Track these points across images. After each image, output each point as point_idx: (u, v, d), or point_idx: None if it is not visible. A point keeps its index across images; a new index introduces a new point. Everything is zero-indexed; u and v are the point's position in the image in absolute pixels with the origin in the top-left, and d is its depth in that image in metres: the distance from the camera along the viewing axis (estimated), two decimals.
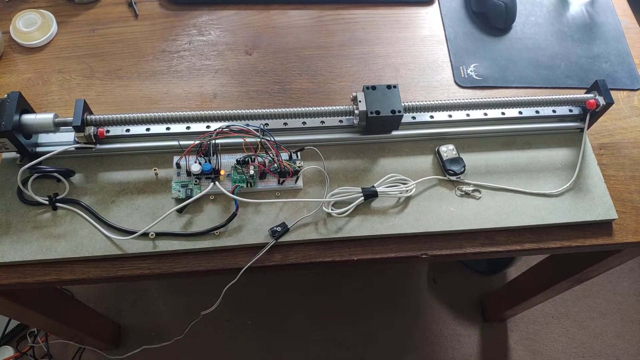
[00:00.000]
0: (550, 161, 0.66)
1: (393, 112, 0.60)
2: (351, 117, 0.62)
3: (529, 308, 1.16)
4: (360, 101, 0.60)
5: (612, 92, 0.64)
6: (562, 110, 0.67)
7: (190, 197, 0.58)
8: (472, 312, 1.26)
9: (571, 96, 0.64)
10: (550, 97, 0.64)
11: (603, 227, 0.63)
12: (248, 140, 0.60)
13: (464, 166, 0.63)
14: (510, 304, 1.12)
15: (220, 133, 0.59)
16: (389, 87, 0.61)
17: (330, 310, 1.24)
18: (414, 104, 0.61)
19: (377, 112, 0.60)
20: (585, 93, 0.66)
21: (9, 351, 1.12)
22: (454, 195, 0.62)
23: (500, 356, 1.22)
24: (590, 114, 0.66)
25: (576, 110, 0.67)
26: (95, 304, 1.21)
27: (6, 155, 0.60)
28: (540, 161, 0.66)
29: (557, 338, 1.25)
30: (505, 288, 1.17)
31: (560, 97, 0.64)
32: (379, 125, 0.62)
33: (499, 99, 0.63)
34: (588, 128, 0.67)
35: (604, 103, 0.64)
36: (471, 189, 0.63)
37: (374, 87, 0.61)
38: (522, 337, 1.24)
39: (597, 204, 0.63)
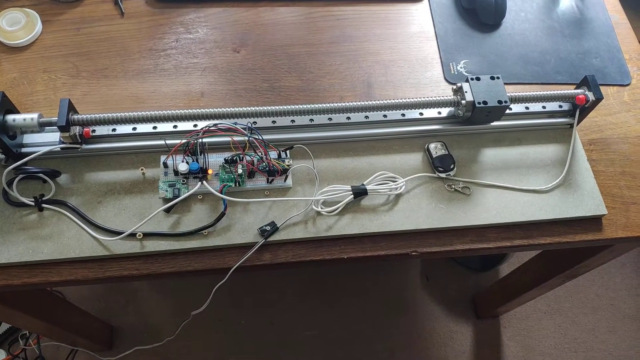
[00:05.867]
0: (540, 157, 0.66)
1: (500, 102, 0.60)
2: (452, 108, 0.64)
3: (521, 304, 1.17)
4: (466, 92, 0.61)
5: (602, 88, 0.64)
6: (552, 106, 0.67)
7: (178, 196, 0.57)
8: (465, 309, 1.26)
9: (560, 92, 0.64)
10: (539, 92, 0.63)
11: (593, 222, 0.63)
12: (236, 139, 0.59)
13: (454, 163, 0.63)
14: (503, 301, 1.12)
15: (207, 132, 0.58)
16: (492, 77, 0.62)
17: (323, 309, 1.24)
18: (519, 94, 0.62)
19: (485, 102, 0.60)
20: (575, 89, 0.66)
21: (1, 354, 1.11)
22: (444, 192, 0.62)
23: (493, 352, 1.22)
24: (579, 109, 0.66)
25: (566, 106, 0.67)
26: (87, 306, 1.20)
27: None
28: (530, 157, 0.66)
29: (549, 334, 1.25)
30: (497, 285, 1.17)
31: (550, 92, 0.64)
32: (483, 115, 0.63)
33: None
34: (578, 124, 0.67)
35: (594, 98, 0.63)
36: (461, 185, 0.62)
37: (478, 78, 0.62)
38: (515, 333, 1.24)
39: (586, 200, 0.63)
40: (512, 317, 1.26)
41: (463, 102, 0.61)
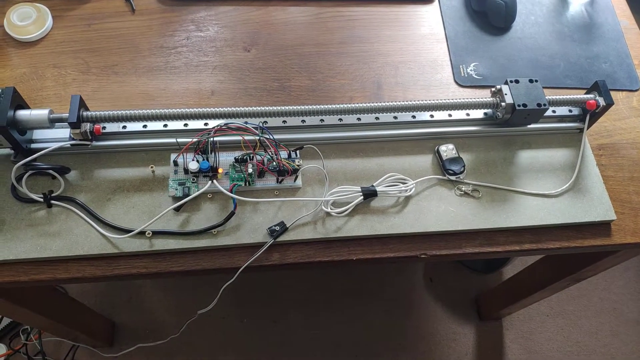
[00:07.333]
0: (550, 161, 0.66)
1: (539, 105, 0.61)
2: (490, 110, 0.65)
3: (524, 307, 1.16)
4: (506, 94, 0.61)
5: (611, 93, 0.64)
6: (562, 111, 0.67)
7: (188, 195, 0.57)
8: (468, 311, 1.26)
9: (571, 97, 0.64)
10: (550, 97, 0.63)
11: (601, 228, 0.63)
12: (247, 138, 0.59)
13: (464, 166, 0.63)
14: (506, 303, 1.12)
15: (218, 131, 0.58)
16: (530, 80, 0.63)
17: (326, 309, 1.24)
18: (556, 98, 0.63)
19: (524, 105, 0.61)
20: (585, 93, 0.66)
21: (2, 348, 1.11)
22: (454, 195, 0.62)
23: (495, 355, 1.22)
24: (590, 114, 0.66)
25: (576, 111, 0.67)
26: (89, 301, 1.20)
27: (0, 151, 0.59)
28: (539, 161, 0.65)
29: (552, 337, 1.25)
30: (501, 287, 1.17)
31: (561, 97, 0.64)
32: (522, 118, 0.63)
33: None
34: (587, 128, 0.67)
35: (604, 104, 0.63)
36: (470, 188, 0.62)
37: (517, 81, 0.62)
38: (518, 335, 1.24)
39: (595, 205, 0.63)
40: (514, 319, 1.26)
41: (503, 104, 0.61)
